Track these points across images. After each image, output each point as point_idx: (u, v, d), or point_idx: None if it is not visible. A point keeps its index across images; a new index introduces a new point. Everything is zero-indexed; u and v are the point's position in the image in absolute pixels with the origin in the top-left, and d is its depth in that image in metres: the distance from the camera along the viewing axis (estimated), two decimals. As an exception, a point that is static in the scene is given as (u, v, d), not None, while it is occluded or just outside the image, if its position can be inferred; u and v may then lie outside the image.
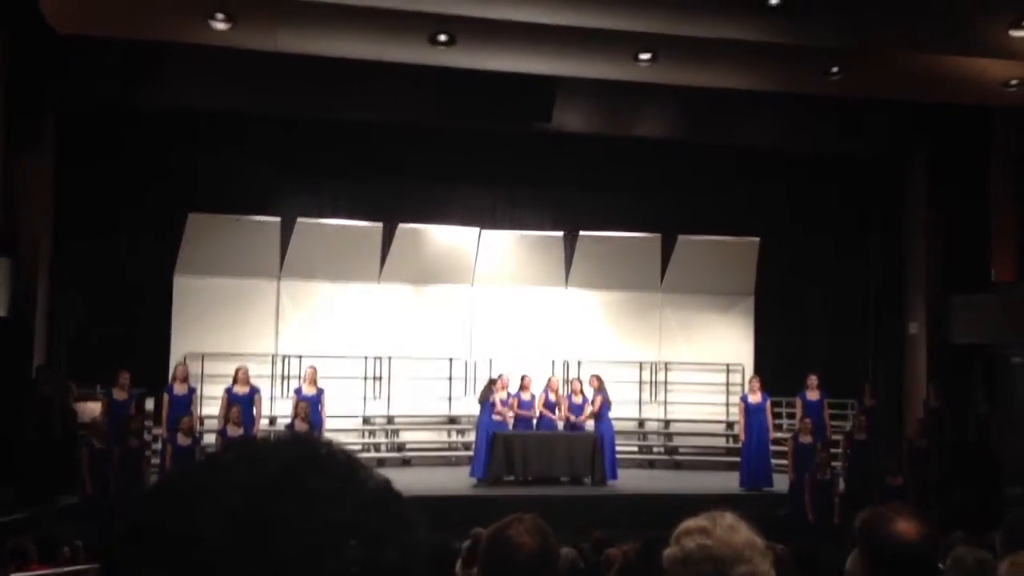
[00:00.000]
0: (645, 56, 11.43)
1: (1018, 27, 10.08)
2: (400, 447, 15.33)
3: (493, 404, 13.20)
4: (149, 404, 13.00)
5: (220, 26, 10.55)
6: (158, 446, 12.10)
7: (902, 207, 15.66)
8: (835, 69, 11.81)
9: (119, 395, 12.08)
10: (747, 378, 14.88)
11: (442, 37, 10.88)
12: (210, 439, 12.83)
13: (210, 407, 13.26)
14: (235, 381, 12.53)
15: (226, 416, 11.89)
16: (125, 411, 11.84)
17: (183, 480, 0.90)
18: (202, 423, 13.22)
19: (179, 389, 12.27)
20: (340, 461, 0.95)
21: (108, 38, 11.67)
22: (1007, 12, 9.88)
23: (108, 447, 10.74)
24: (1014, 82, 12.16)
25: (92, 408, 12.28)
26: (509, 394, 13.49)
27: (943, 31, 10.47)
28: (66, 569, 7.32)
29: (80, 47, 11.72)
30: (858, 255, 16.22)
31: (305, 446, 0.95)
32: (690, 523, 1.91)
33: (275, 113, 14.40)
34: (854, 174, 15.97)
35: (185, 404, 12.13)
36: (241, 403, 12.04)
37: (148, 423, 12.56)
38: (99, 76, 12.79)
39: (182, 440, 11.33)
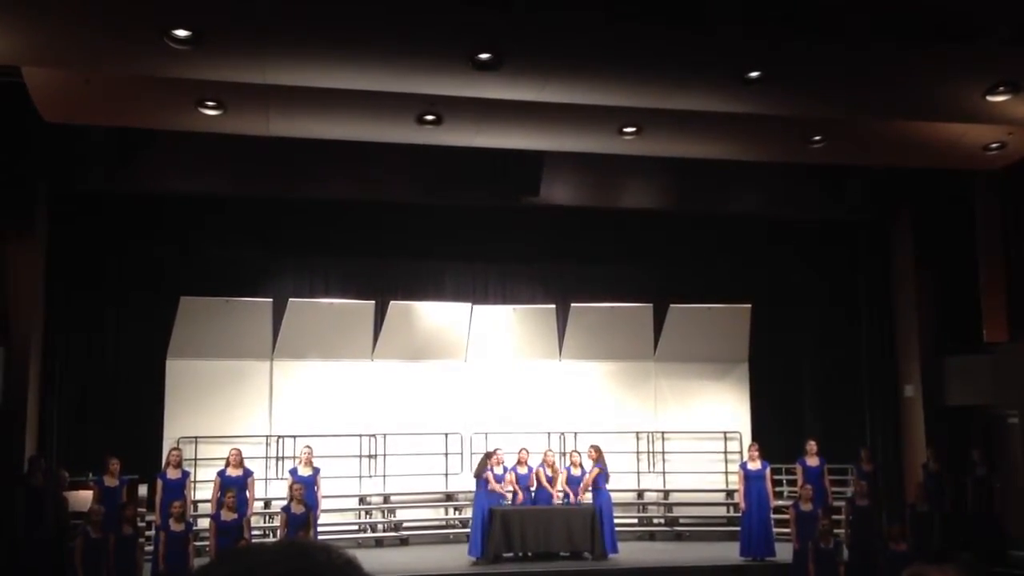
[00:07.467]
0: (630, 130, 11.59)
1: (994, 92, 10.26)
2: (397, 526, 15.12)
3: (487, 480, 13.05)
4: (142, 490, 12.84)
5: (211, 113, 10.67)
6: (152, 533, 11.91)
7: (890, 269, 15.77)
8: (817, 138, 11.98)
9: (110, 482, 11.93)
10: (745, 445, 14.77)
11: (429, 117, 11.03)
12: (204, 523, 12.65)
13: (204, 491, 13.10)
14: (228, 464, 12.40)
15: (219, 501, 11.73)
16: (117, 498, 11.69)
17: None
18: (196, 508, 13.05)
19: (172, 474, 12.11)
20: (341, 571, 0.93)
21: (96, 126, 11.80)
22: (982, 78, 10.06)
23: (104, 536, 10.58)
24: (994, 145, 12.34)
25: (83, 496, 12.12)
26: (505, 468, 13.35)
27: (921, 99, 10.64)
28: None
29: (68, 133, 11.82)
30: (850, 319, 16.27)
31: (304, 557, 0.93)
32: None
33: (264, 194, 14.52)
34: (841, 238, 16.12)
35: (179, 489, 11.96)
36: (235, 486, 11.89)
37: (142, 510, 12.39)
38: (87, 162, 12.89)
39: (174, 526, 11.17)
